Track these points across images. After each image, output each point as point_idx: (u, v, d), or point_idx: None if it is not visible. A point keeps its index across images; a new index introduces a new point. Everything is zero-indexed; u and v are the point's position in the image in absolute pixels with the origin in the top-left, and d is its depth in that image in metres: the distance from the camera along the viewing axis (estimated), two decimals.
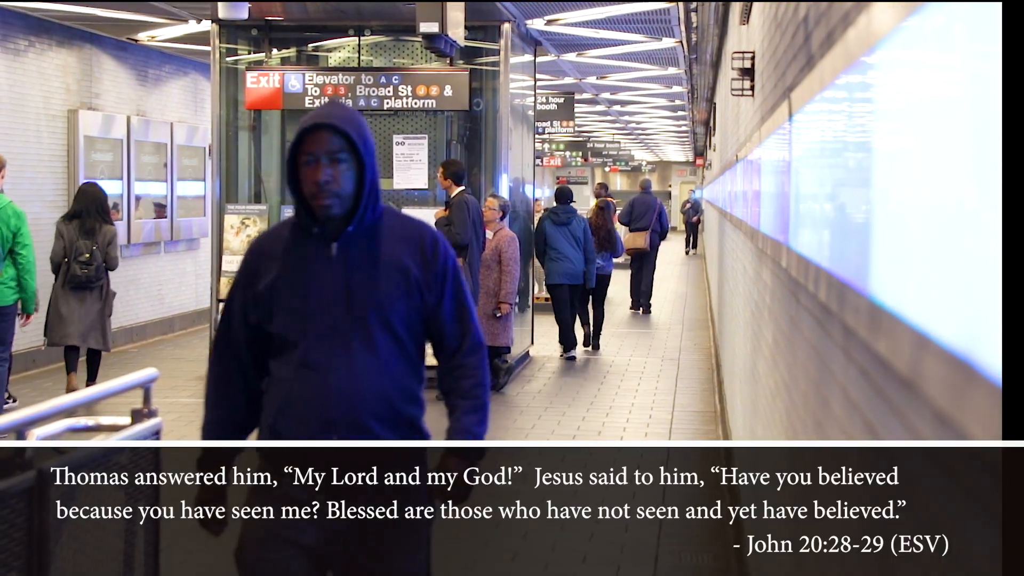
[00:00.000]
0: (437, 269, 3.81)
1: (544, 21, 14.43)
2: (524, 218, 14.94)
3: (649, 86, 24.17)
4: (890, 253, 2.25)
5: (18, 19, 13.63)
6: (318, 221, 3.74)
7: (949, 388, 1.73)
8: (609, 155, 46.58)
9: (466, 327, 3.91)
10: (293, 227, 3.82)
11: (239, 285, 3.85)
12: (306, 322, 3.68)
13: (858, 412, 2.67)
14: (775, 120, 5.00)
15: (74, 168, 14.62)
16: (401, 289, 3.75)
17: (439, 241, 3.85)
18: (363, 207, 3.72)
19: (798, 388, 4.12)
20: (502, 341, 12.53)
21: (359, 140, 3.68)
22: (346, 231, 3.73)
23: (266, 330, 3.77)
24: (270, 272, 3.77)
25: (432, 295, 3.80)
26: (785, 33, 4.95)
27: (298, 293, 3.71)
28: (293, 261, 3.75)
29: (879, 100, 2.39)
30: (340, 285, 3.70)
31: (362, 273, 3.71)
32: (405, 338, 3.80)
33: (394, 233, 3.80)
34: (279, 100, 12.87)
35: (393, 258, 3.75)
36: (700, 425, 10.90)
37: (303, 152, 3.69)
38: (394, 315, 3.73)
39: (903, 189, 2.16)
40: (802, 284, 3.79)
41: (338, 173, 3.66)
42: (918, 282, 1.99)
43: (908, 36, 2.08)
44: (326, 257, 3.72)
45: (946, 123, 1.83)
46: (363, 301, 3.69)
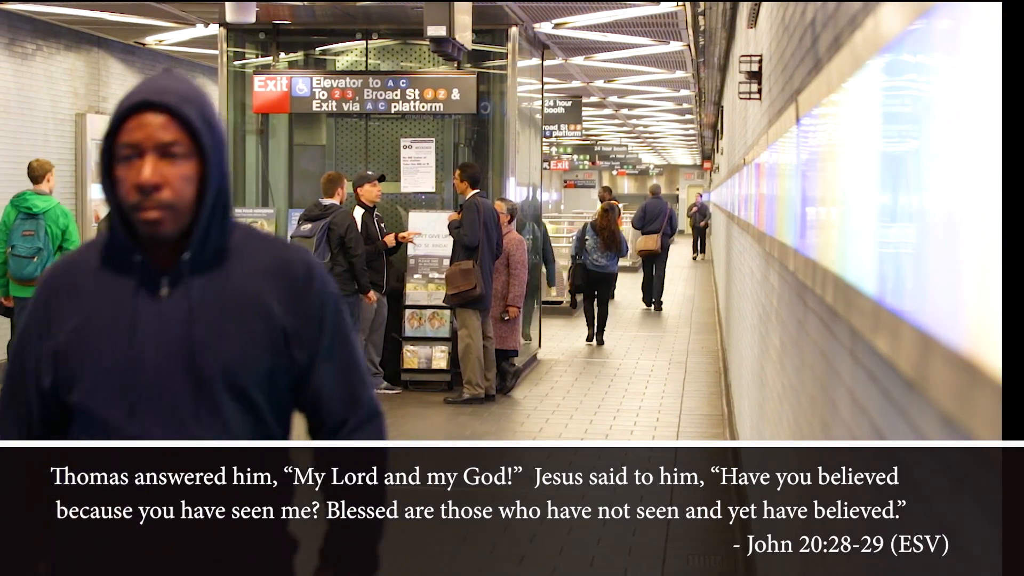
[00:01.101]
0: (312, 311, 2.70)
1: (552, 24, 14.44)
2: (532, 222, 14.96)
3: (657, 89, 24.19)
4: (896, 255, 2.25)
5: (26, 23, 13.66)
6: (141, 244, 2.62)
7: (955, 390, 1.73)
8: (617, 159, 46.60)
9: (355, 392, 2.78)
10: (105, 251, 2.67)
11: (31, 335, 2.68)
12: (124, 393, 2.58)
13: (865, 415, 2.67)
14: (782, 124, 5.00)
15: (82, 172, 14.65)
16: (261, 342, 2.63)
17: (314, 272, 2.75)
18: (205, 224, 2.60)
19: (805, 391, 4.12)
20: (510, 344, 12.54)
21: (202, 126, 2.59)
22: (181, 259, 2.62)
23: (63, 401, 2.64)
24: (71, 318, 2.63)
25: (304, 350, 2.69)
26: (792, 36, 4.95)
27: (112, 350, 2.60)
28: (104, 303, 2.62)
29: (886, 103, 2.39)
30: (174, 339, 2.59)
31: (205, 321, 2.60)
32: (266, 411, 2.66)
33: (251, 261, 2.68)
34: (287, 104, 12.88)
35: (250, 297, 2.64)
36: (707, 428, 10.90)
37: (120, 143, 2.55)
38: (250, 379, 2.62)
39: (910, 192, 2.17)
40: (809, 287, 3.79)
41: (171, 173, 2.54)
42: (925, 283, 2.00)
43: (916, 39, 2.09)
44: (153, 297, 2.61)
45: (949, 125, 1.83)
46: (207, 362, 2.58)
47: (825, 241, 3.36)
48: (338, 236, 11.53)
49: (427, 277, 12.67)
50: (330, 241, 11.55)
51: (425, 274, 12.67)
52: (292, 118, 13.25)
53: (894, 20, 2.25)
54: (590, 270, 16.75)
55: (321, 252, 11.51)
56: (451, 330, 12.48)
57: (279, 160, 13.41)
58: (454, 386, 12.32)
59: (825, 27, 3.67)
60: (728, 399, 11.35)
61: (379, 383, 12.20)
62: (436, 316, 12.58)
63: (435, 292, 12.54)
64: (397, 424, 10.82)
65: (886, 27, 2.33)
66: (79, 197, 14.65)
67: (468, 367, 11.78)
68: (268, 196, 13.40)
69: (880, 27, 2.40)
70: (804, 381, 4.17)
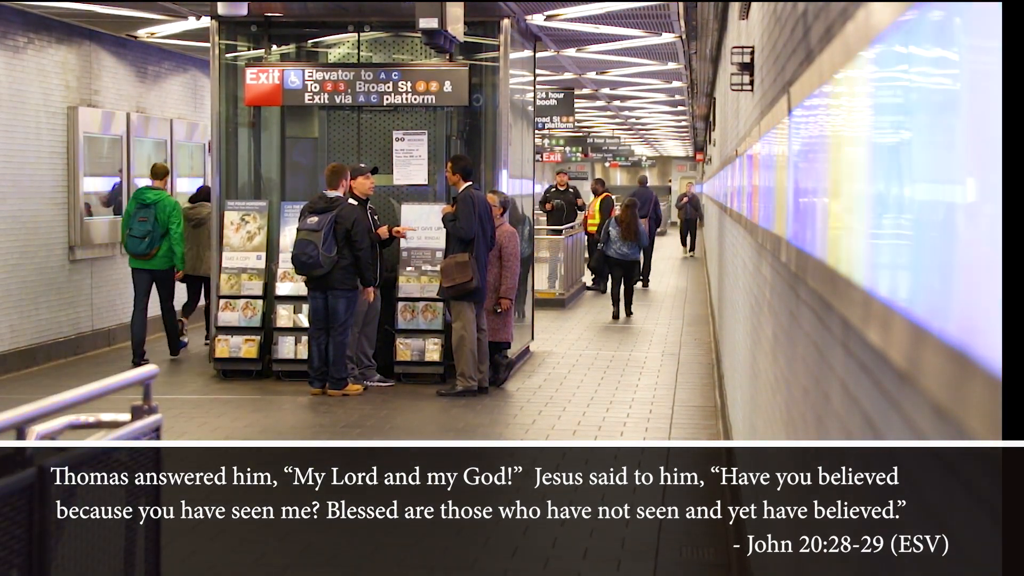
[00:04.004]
0: None
1: (543, 16, 14.42)
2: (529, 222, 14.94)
3: (649, 81, 24.18)
4: (888, 246, 2.25)
5: (18, 16, 13.63)
6: None
7: (946, 382, 1.73)
8: (609, 150, 46.58)
9: None
10: None
11: None
12: None
13: (857, 405, 2.67)
14: (774, 115, 5.00)
15: (74, 165, 14.62)
16: None
17: None
18: None
19: (798, 382, 4.12)
20: (503, 337, 12.54)
21: None
22: None
23: None
24: None
25: None
26: (784, 28, 4.95)
27: None
28: None
29: (878, 94, 2.39)
30: None
31: None
32: None
33: None
34: (279, 96, 12.87)
35: None
36: (700, 420, 10.90)
37: None
38: None
39: (901, 182, 2.16)
40: (801, 278, 3.78)
41: None
42: (917, 274, 1.99)
43: (906, 30, 2.08)
44: None
45: (943, 116, 1.83)
46: None
47: (817, 232, 3.35)
48: (344, 229, 11.52)
49: (420, 270, 12.66)
50: (336, 234, 11.53)
51: (418, 267, 12.66)
52: (284, 111, 13.24)
53: (885, 11, 2.24)
54: (615, 258, 19.15)
55: (328, 246, 11.50)
56: (444, 322, 12.47)
57: (271, 153, 13.39)
58: (447, 378, 12.32)
59: (817, 18, 3.66)
60: (721, 391, 11.35)
61: (372, 375, 12.19)
62: (429, 308, 12.57)
63: (428, 285, 12.53)
64: (390, 417, 10.82)
65: (877, 18, 2.33)
66: (70, 191, 14.62)
67: (462, 359, 11.78)
68: (260, 189, 13.38)
69: (871, 18, 2.39)
70: (796, 372, 4.17)
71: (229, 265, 12.99)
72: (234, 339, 12.77)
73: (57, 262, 14.44)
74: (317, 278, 11.63)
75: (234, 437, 10.04)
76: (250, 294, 12.91)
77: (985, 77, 1.61)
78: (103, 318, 15.47)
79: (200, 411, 11.13)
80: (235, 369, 12.81)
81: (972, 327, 1.63)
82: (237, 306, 12.88)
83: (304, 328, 12.42)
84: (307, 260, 11.54)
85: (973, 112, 1.66)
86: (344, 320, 11.65)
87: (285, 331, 12.73)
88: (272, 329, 12.79)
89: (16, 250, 13.62)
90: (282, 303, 12.79)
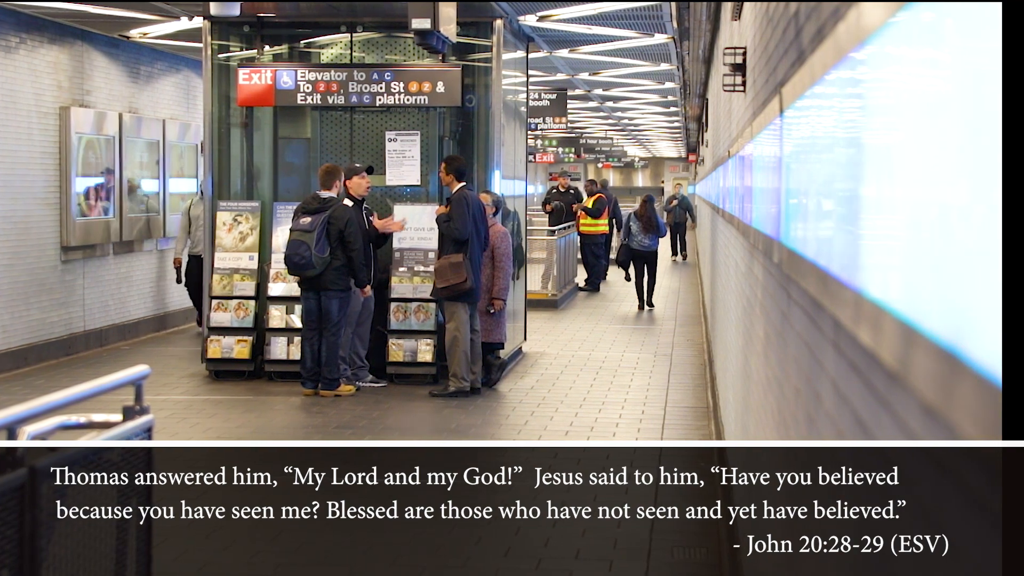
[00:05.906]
0: None
1: (536, 17, 14.42)
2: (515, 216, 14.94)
3: (641, 82, 24.18)
4: (881, 247, 2.25)
5: (9, 16, 13.61)
6: None
7: (937, 381, 1.73)
8: (602, 151, 46.60)
9: None
10: None
11: None
12: None
13: (848, 405, 2.67)
14: (766, 115, 5.00)
15: (66, 165, 14.60)
16: None
17: None
18: None
19: (790, 383, 4.12)
20: (495, 337, 12.54)
21: None
22: None
23: None
24: None
25: None
26: (776, 29, 4.95)
27: None
28: None
29: (869, 94, 2.39)
30: None
31: None
32: None
33: None
34: (271, 97, 12.86)
35: None
36: (693, 421, 10.90)
37: None
38: None
39: (894, 183, 2.17)
40: (793, 279, 3.79)
41: None
42: (911, 277, 2.00)
43: (898, 31, 2.09)
44: None
45: (937, 116, 1.83)
46: None
47: (809, 232, 3.36)
48: (337, 230, 11.51)
49: (412, 270, 12.66)
50: (329, 235, 11.53)
51: (410, 267, 12.66)
52: (277, 111, 13.23)
53: (876, 11, 2.25)
54: (637, 250, 20.56)
55: (321, 246, 11.50)
56: (436, 323, 12.47)
57: (264, 153, 13.38)
58: (439, 379, 12.32)
59: (808, 19, 3.67)
60: (713, 391, 11.36)
61: (365, 376, 12.19)
62: (422, 309, 12.57)
63: (420, 285, 12.53)
64: (383, 417, 10.81)
65: (868, 19, 2.33)
66: (62, 191, 14.60)
67: (454, 360, 11.78)
68: (253, 189, 13.37)
69: (863, 18, 2.40)
70: (788, 373, 4.17)
71: (221, 266, 12.98)
72: (226, 340, 12.76)
73: (49, 262, 14.43)
74: (310, 279, 11.63)
75: (226, 438, 10.03)
76: (242, 295, 12.90)
77: (977, 76, 1.61)
78: (95, 319, 15.45)
79: (192, 412, 11.12)
80: (227, 370, 12.80)
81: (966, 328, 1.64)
82: (229, 307, 12.87)
83: (297, 329, 12.42)
84: (299, 261, 11.53)
85: (965, 111, 1.67)
86: (337, 321, 11.65)
87: (277, 332, 12.72)
88: (264, 330, 12.78)
89: (8, 250, 13.61)
90: (275, 304, 12.79)
